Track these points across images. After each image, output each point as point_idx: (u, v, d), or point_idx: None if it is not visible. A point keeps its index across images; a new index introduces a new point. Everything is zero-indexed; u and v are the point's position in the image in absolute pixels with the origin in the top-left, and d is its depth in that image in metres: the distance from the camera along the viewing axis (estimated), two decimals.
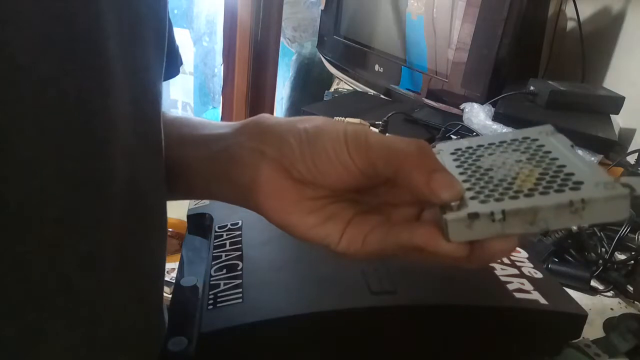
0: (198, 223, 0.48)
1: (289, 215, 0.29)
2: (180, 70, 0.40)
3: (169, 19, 0.34)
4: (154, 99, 0.29)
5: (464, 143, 0.31)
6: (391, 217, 0.29)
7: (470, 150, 0.30)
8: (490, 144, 0.30)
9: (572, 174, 0.25)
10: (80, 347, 0.25)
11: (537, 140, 0.29)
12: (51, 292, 0.23)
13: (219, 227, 0.44)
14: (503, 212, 0.24)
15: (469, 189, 0.26)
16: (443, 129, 0.92)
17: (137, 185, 0.28)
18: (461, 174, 0.28)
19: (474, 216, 0.24)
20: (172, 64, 0.37)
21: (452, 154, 0.30)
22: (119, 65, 0.25)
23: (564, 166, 0.26)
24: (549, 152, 0.28)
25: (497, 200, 0.25)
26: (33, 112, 0.20)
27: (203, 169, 0.33)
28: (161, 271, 0.32)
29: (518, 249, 0.44)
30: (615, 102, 0.90)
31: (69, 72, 0.21)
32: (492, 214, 0.24)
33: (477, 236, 0.24)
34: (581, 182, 0.24)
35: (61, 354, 0.24)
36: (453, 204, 0.25)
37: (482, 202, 0.25)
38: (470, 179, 0.27)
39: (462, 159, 0.29)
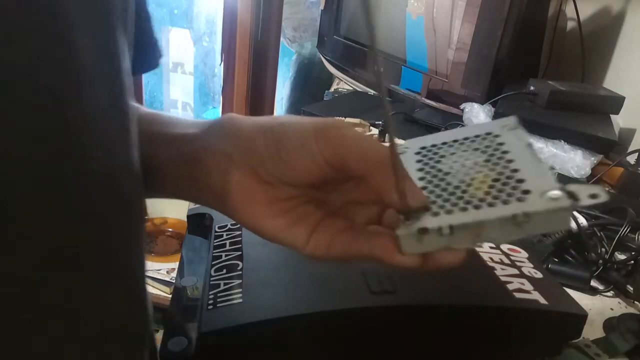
0: (198, 223, 0.48)
1: (259, 218, 0.30)
2: (180, 70, 0.39)
3: (147, 11, 0.33)
4: (129, 90, 0.29)
5: (429, 140, 0.32)
6: (355, 219, 0.30)
7: (434, 150, 0.31)
8: (454, 141, 0.31)
9: (523, 181, 0.26)
10: (63, 340, 0.25)
11: (498, 136, 0.30)
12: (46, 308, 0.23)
13: (219, 227, 0.44)
14: (451, 227, 0.25)
15: (427, 195, 0.28)
16: (443, 129, 0.92)
17: (116, 178, 0.27)
18: (421, 178, 0.29)
19: (423, 231, 0.25)
20: (151, 57, 0.37)
21: (417, 153, 0.31)
22: (90, 56, 0.24)
23: (516, 170, 0.27)
24: (507, 152, 0.29)
25: (448, 212, 0.26)
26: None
27: (172, 170, 0.33)
28: (142, 264, 0.32)
29: (518, 249, 0.44)
30: (615, 102, 0.90)
31: (36, 63, 0.21)
32: (440, 229, 0.25)
33: (427, 249, 0.26)
34: (528, 192, 0.25)
35: (44, 347, 0.24)
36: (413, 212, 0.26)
37: (434, 214, 0.26)
38: (428, 185, 0.28)
39: (425, 160, 0.31)
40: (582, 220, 0.60)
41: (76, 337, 0.26)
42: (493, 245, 0.44)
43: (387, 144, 0.26)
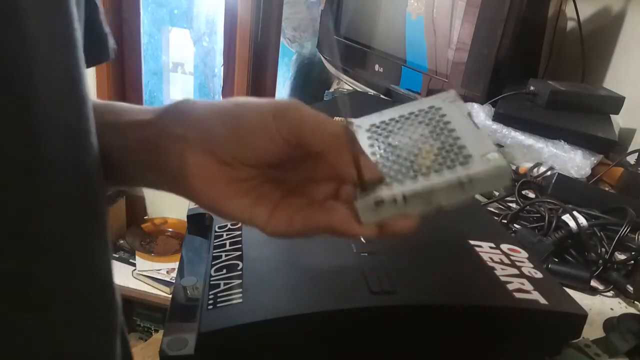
0: (198, 223, 0.48)
1: (220, 199, 0.30)
2: (180, 70, 0.39)
3: (95, 2, 0.33)
4: (84, 78, 0.29)
5: (378, 117, 0.34)
6: (313, 196, 0.31)
7: (383, 126, 0.33)
8: (401, 116, 0.33)
9: (464, 147, 0.29)
10: (34, 331, 0.26)
11: (440, 109, 0.33)
12: (3, 277, 0.24)
13: (219, 227, 0.44)
14: (404, 196, 0.28)
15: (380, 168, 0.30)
16: None
17: (77, 163, 0.28)
18: (373, 153, 0.31)
19: (379, 202, 0.28)
20: (103, 49, 0.37)
21: (368, 130, 0.34)
22: (46, 45, 0.25)
23: (458, 138, 0.30)
24: (448, 122, 0.31)
25: (400, 182, 0.29)
26: None
27: (128, 157, 0.33)
28: (109, 252, 0.32)
29: (518, 249, 0.44)
30: (615, 102, 0.90)
31: None
32: (394, 198, 0.28)
33: (384, 218, 0.28)
34: (470, 156, 0.28)
35: (14, 338, 0.25)
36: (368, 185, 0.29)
37: (388, 185, 0.29)
38: (380, 159, 0.31)
39: (375, 136, 0.33)
40: (582, 220, 0.60)
41: (45, 326, 0.27)
42: (493, 245, 0.44)
43: (345, 125, 0.27)
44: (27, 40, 0.23)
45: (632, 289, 0.54)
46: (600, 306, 0.53)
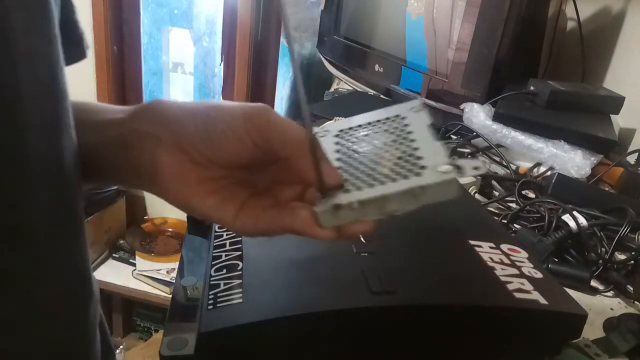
0: (198, 223, 0.47)
1: (190, 197, 0.31)
2: (180, 70, 0.40)
3: (72, 2, 0.34)
4: (64, 74, 0.30)
5: (347, 124, 0.37)
6: (279, 197, 0.32)
7: (351, 132, 0.36)
8: (368, 124, 0.36)
9: (421, 158, 0.31)
10: (15, 324, 0.27)
11: (405, 118, 0.35)
12: None
13: (219, 227, 0.44)
14: (359, 202, 0.29)
15: (343, 174, 0.32)
16: (443, 129, 0.92)
17: (57, 156, 0.29)
18: (338, 159, 0.33)
19: (338, 207, 0.29)
20: (80, 48, 0.37)
21: (336, 135, 0.36)
22: (26, 38, 0.25)
23: (417, 149, 0.32)
24: (410, 132, 0.33)
25: (358, 188, 0.30)
26: None
27: (103, 155, 0.34)
28: (87, 246, 0.33)
29: (518, 249, 0.44)
30: (615, 102, 0.90)
31: None
32: (350, 204, 0.29)
33: (342, 222, 0.30)
34: (425, 167, 0.30)
35: None
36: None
37: (347, 191, 0.30)
38: (344, 164, 0.33)
39: (342, 141, 0.35)
40: (582, 220, 0.60)
41: (27, 313, 0.28)
42: (493, 245, 0.44)
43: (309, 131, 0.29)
44: (11, 35, 0.24)
45: (632, 289, 0.54)
46: (600, 306, 0.53)
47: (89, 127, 0.34)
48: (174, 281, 0.40)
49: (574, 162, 0.77)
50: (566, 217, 0.60)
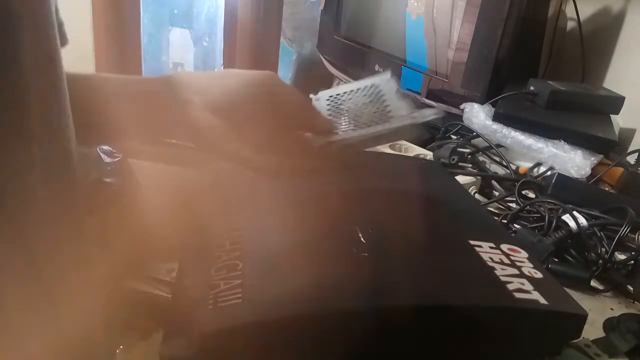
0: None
1: (216, 143, 0.39)
2: (180, 70, 0.43)
3: None
4: (61, 59, 0.30)
5: (334, 92, 0.48)
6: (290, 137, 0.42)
7: (337, 97, 0.47)
8: (351, 91, 0.48)
9: (390, 111, 0.42)
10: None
11: (378, 86, 0.46)
12: None
13: (219, 227, 0.44)
14: (345, 139, 0.41)
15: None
16: (443, 129, 0.92)
17: (57, 144, 0.29)
18: (329, 115, 0.45)
19: (330, 143, 0.41)
20: (62, 36, 0.38)
21: (327, 100, 0.47)
22: (28, 24, 0.26)
23: (388, 105, 0.43)
24: (383, 95, 0.45)
25: (344, 132, 0.42)
26: None
27: (135, 108, 0.39)
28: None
29: (518, 249, 0.44)
30: (615, 102, 0.90)
31: None
32: (340, 140, 0.41)
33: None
34: (392, 117, 0.41)
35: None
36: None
37: (336, 134, 0.42)
38: (335, 118, 0.44)
39: (332, 104, 0.47)
40: (582, 220, 0.60)
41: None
42: (493, 245, 0.44)
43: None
44: (15, 20, 0.25)
45: (632, 289, 0.54)
46: (600, 306, 0.53)
47: (119, 81, 0.40)
48: (174, 281, 0.40)
49: (574, 162, 0.77)
50: (566, 217, 0.60)
